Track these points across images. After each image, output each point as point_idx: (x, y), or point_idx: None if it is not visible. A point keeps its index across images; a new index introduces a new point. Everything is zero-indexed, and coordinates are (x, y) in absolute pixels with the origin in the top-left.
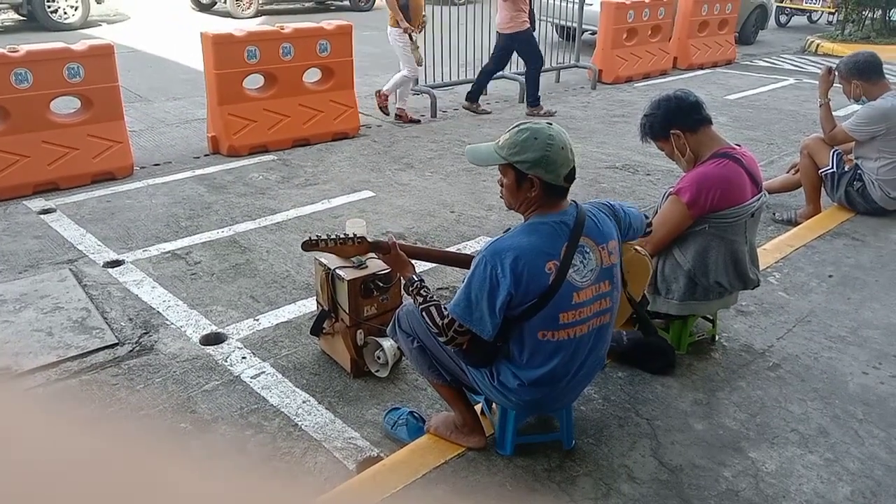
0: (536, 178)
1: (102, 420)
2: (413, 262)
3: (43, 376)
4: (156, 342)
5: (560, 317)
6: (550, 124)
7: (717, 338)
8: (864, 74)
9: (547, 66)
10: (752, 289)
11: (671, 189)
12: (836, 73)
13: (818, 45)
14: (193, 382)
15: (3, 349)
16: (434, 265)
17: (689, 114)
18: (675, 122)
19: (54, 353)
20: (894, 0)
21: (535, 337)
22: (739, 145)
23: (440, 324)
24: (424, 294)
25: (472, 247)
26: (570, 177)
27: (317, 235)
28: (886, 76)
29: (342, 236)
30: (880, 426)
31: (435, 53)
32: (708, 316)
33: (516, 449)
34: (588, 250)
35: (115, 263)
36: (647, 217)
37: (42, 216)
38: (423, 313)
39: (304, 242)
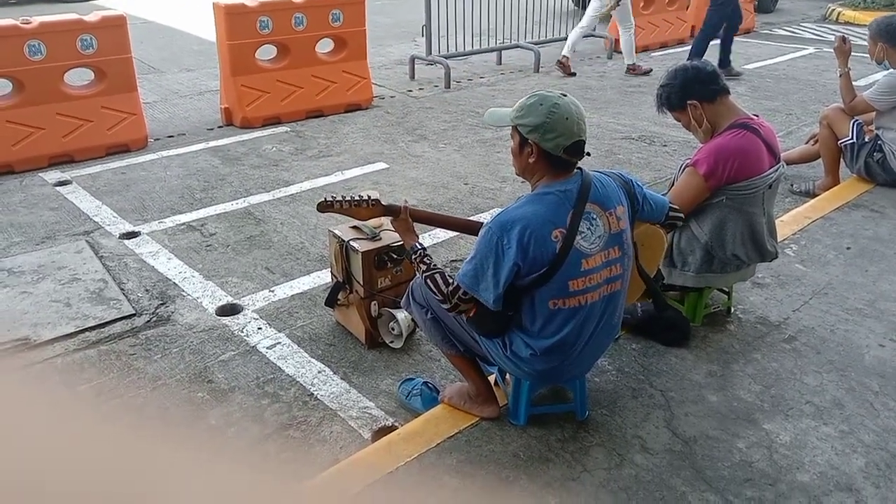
0: (534, 143)
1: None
2: (429, 229)
3: (61, 346)
4: (172, 313)
5: (570, 284)
6: (564, 95)
7: (732, 310)
8: (893, 39)
9: (562, 35)
10: (770, 261)
11: (688, 161)
12: (868, 31)
13: (839, 13)
14: (210, 353)
15: (22, 320)
16: (448, 236)
17: (707, 84)
18: (692, 92)
19: (72, 323)
20: None
21: (546, 306)
22: (757, 115)
23: (445, 291)
24: (427, 262)
25: (485, 218)
26: (574, 150)
27: (332, 196)
28: None
29: (357, 198)
30: None
31: (448, 23)
32: (724, 288)
33: (530, 419)
34: (595, 216)
35: (131, 235)
36: (674, 210)
37: (58, 188)
38: (428, 280)
39: (319, 203)
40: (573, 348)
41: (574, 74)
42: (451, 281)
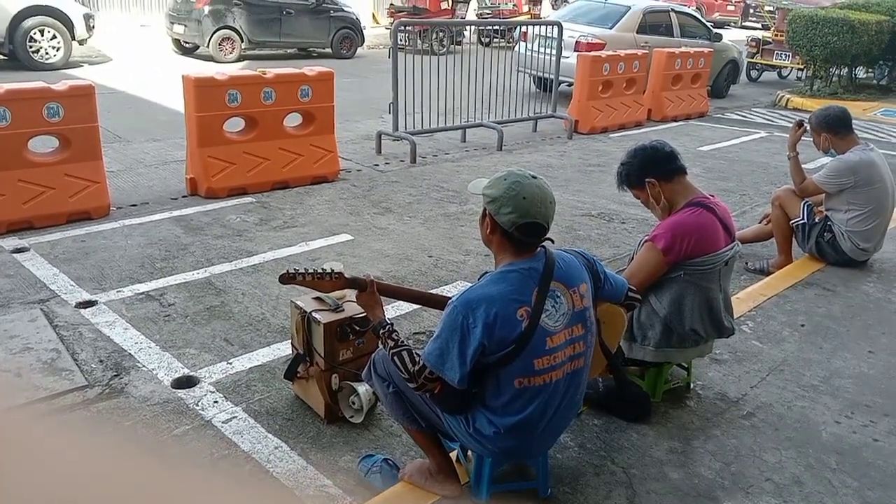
0: (489, 215)
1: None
2: (393, 302)
3: None
4: (126, 385)
5: (535, 363)
6: (535, 177)
7: (691, 385)
8: (833, 128)
9: (524, 115)
10: (727, 337)
11: (647, 236)
12: (808, 126)
13: (788, 100)
14: (164, 427)
15: None
16: (411, 308)
17: (665, 163)
18: (651, 170)
19: (22, 395)
20: (859, 58)
21: (512, 384)
22: (713, 195)
23: (411, 370)
24: (395, 338)
25: (449, 291)
26: (528, 231)
27: (294, 269)
28: (855, 131)
29: (320, 271)
30: (853, 476)
31: (415, 101)
32: (683, 364)
33: (492, 497)
34: (559, 294)
35: (88, 304)
36: (632, 291)
37: (15, 255)
38: (395, 357)
39: (281, 275)
40: (537, 426)
41: None
42: (417, 360)
